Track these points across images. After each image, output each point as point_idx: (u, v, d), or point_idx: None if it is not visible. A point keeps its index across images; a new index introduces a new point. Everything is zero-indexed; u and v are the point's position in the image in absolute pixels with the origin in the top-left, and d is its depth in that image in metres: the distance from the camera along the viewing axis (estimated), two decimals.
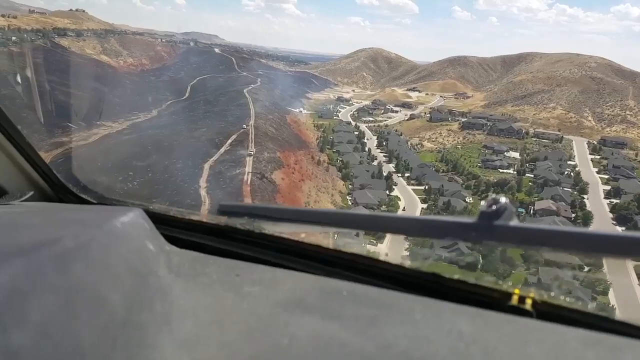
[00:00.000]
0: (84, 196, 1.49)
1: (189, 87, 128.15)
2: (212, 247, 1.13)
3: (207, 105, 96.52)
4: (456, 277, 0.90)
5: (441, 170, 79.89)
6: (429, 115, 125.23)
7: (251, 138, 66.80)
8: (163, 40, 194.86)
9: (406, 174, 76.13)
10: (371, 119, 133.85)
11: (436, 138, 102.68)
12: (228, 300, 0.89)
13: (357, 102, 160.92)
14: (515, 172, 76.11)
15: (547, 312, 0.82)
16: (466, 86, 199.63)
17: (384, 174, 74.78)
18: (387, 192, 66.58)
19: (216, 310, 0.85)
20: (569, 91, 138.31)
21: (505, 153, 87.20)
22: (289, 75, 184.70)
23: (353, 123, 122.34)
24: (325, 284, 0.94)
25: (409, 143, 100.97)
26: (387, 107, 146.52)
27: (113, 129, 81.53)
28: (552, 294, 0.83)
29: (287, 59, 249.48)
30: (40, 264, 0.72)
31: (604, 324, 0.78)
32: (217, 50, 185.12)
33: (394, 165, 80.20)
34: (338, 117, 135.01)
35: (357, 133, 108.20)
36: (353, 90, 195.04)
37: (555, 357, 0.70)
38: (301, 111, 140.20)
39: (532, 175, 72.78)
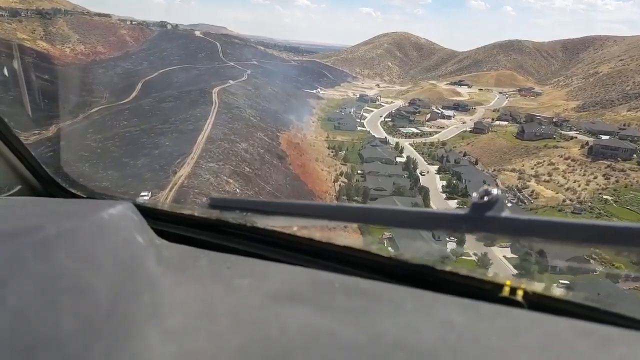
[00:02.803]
0: (73, 190, 1.46)
1: (139, 85, 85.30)
2: (203, 240, 1.12)
3: (133, 120, 52.77)
4: (447, 268, 0.91)
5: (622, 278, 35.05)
6: (517, 126, 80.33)
7: None
8: (133, 23, 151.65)
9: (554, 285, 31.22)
10: (414, 129, 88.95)
11: (549, 173, 57.58)
12: (218, 292, 0.89)
13: (386, 102, 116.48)
14: None
15: (538, 303, 0.82)
16: (527, 78, 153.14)
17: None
18: None
19: (206, 302, 0.85)
20: None
21: None
22: (293, 65, 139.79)
23: (391, 140, 77.99)
24: (317, 276, 0.94)
25: (497, 183, 56.32)
26: (434, 109, 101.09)
27: None
28: (544, 284, 0.84)
29: (296, 50, 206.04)
30: (19, 250, 0.71)
31: (596, 314, 0.79)
32: (198, 33, 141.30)
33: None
34: (364, 126, 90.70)
35: (402, 160, 63.82)
36: (377, 85, 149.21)
37: (547, 347, 0.71)
38: (319, 101, 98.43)
39: None
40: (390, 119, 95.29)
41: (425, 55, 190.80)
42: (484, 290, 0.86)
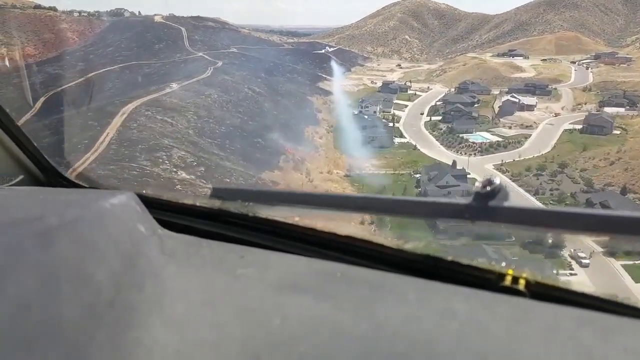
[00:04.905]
0: (75, 180, 1.47)
1: (40, 102, 53.99)
2: (206, 230, 1.12)
3: None
4: (449, 258, 0.90)
5: None
6: None
7: None
8: (82, 14, 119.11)
9: None
10: (488, 135, 55.38)
11: None
12: (221, 282, 0.89)
13: (420, 90, 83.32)
14: None
15: (540, 292, 0.82)
16: (595, 40, 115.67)
17: None
18: None
19: (208, 291, 0.85)
20: None
21: None
22: (287, 50, 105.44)
23: (453, 156, 44.95)
24: (319, 266, 0.95)
25: None
26: (509, 98, 66.61)
27: None
28: (546, 273, 0.84)
29: (294, 34, 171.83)
30: (21, 240, 0.71)
31: (598, 303, 0.79)
32: (158, 19, 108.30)
33: None
34: (403, 135, 57.72)
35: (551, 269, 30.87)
36: (399, 66, 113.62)
37: (549, 336, 0.71)
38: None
39: None
40: (440, 118, 61.95)
41: (450, 23, 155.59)
42: (486, 280, 0.86)
